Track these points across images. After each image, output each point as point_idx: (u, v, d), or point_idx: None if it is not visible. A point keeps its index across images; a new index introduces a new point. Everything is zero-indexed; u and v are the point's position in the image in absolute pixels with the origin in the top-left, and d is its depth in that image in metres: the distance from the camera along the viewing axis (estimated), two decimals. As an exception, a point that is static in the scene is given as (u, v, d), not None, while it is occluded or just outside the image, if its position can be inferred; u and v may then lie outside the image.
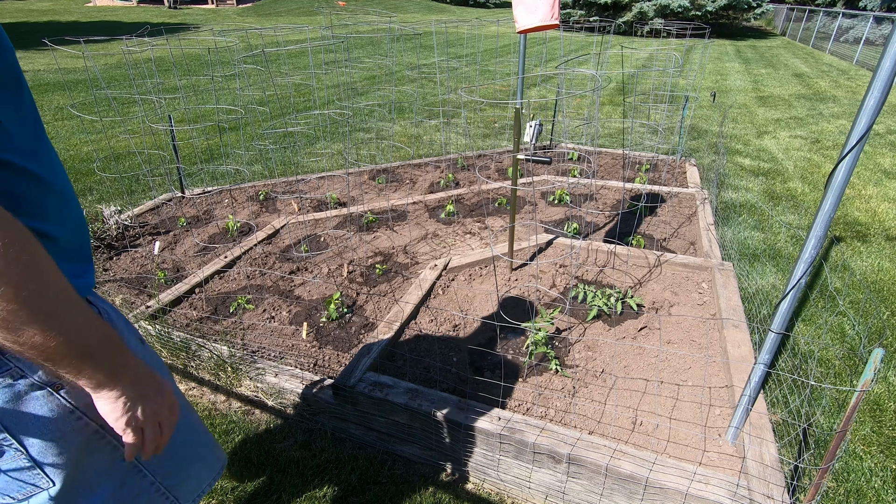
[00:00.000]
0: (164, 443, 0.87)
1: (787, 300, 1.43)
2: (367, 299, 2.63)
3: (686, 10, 19.00)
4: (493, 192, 4.07)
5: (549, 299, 2.62)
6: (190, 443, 1.10)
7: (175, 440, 1.03)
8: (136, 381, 0.80)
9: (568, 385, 2.05)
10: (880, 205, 4.28)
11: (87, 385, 0.74)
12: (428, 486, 1.80)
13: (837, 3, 27.26)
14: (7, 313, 0.59)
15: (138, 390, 0.80)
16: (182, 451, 1.06)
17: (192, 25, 18.54)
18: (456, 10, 31.55)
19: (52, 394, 0.80)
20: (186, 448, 1.08)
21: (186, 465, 1.06)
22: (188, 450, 1.08)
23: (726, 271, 2.69)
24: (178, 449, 1.05)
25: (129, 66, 8.79)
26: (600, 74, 7.18)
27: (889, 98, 8.13)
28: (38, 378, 0.78)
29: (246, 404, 2.14)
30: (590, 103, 7.49)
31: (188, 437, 1.09)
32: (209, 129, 5.91)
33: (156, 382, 0.84)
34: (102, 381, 0.74)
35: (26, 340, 0.62)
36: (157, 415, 0.83)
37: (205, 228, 3.46)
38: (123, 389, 0.78)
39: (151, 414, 0.82)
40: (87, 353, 0.70)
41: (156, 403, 0.83)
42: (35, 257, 0.62)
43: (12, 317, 0.60)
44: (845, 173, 1.24)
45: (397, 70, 9.96)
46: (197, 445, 1.11)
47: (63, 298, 0.66)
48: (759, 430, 1.71)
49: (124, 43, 4.40)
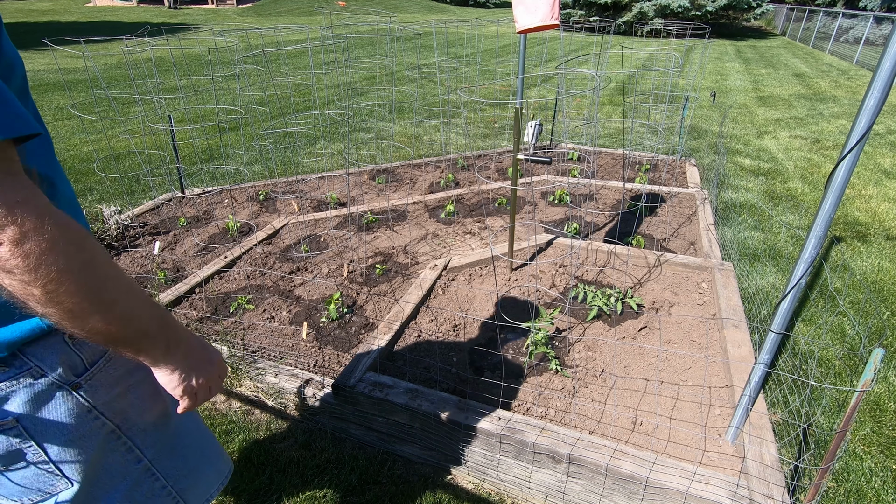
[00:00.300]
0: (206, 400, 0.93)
1: (787, 300, 1.43)
2: (367, 299, 2.63)
3: (686, 10, 19.00)
4: (493, 192, 4.07)
5: (549, 299, 2.62)
6: (201, 447, 1.10)
7: (187, 443, 1.05)
8: (188, 353, 0.86)
9: (568, 385, 2.05)
10: (880, 205, 4.28)
11: (147, 361, 0.80)
12: (428, 486, 1.80)
13: (837, 3, 27.26)
14: (73, 306, 0.64)
15: (191, 361, 0.86)
16: (194, 455, 1.07)
17: (192, 25, 18.54)
18: (456, 10, 31.55)
19: (70, 393, 0.82)
20: (197, 452, 1.08)
21: (197, 469, 1.07)
22: (199, 454, 1.08)
23: (726, 271, 2.69)
24: (189, 452, 1.05)
25: (129, 66, 8.79)
26: (600, 74, 7.18)
27: (889, 98, 8.13)
28: (57, 377, 0.80)
29: (246, 404, 2.14)
30: (590, 103, 7.49)
31: (199, 440, 1.10)
32: (209, 129, 5.91)
33: (206, 353, 0.90)
34: (159, 356, 0.80)
35: (91, 328, 0.68)
36: (209, 381, 0.90)
37: (205, 228, 3.46)
38: (178, 362, 0.84)
39: (204, 381, 0.89)
40: (145, 334, 0.76)
41: (207, 371, 0.89)
42: (93, 252, 0.67)
43: (78, 308, 0.65)
44: (845, 173, 1.24)
45: (397, 70, 9.96)
46: (207, 450, 1.12)
47: (120, 288, 0.71)
48: (759, 430, 1.71)
49: (124, 43, 4.40)
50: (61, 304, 0.64)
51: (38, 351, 0.78)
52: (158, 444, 0.98)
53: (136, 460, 0.94)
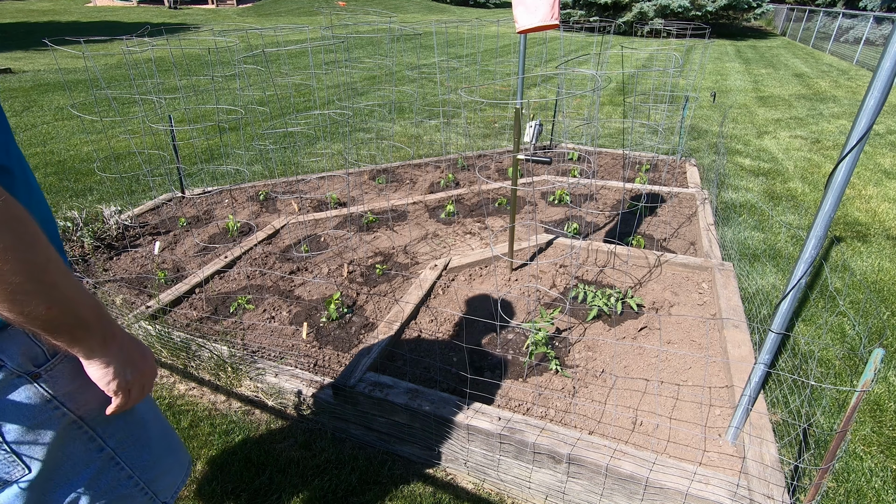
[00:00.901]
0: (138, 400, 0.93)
1: (787, 300, 1.43)
2: (367, 299, 2.63)
3: (686, 10, 19.00)
4: (493, 192, 4.07)
5: (549, 299, 2.62)
6: (164, 437, 1.11)
7: (150, 434, 1.05)
8: (122, 347, 0.85)
9: (568, 385, 2.05)
10: (880, 205, 4.28)
11: (81, 353, 0.80)
12: (428, 486, 1.80)
13: (837, 3, 27.26)
14: (16, 286, 0.64)
15: (125, 356, 0.86)
16: (157, 445, 1.07)
17: (193, 25, 18.54)
18: (456, 10, 31.55)
19: (30, 383, 0.82)
20: (161, 442, 1.08)
21: (162, 459, 1.08)
22: (162, 444, 1.09)
23: (726, 271, 2.69)
24: (153, 442, 1.05)
25: (130, 66, 8.79)
26: (600, 74, 7.18)
27: (889, 98, 8.13)
28: (17, 367, 0.80)
29: (246, 404, 2.14)
30: (590, 103, 7.49)
31: (161, 431, 1.10)
32: (209, 130, 5.91)
33: (140, 349, 0.90)
34: (95, 347, 0.80)
35: (31, 311, 0.67)
36: (142, 378, 0.90)
37: (205, 228, 3.46)
38: (113, 356, 0.83)
39: (139, 376, 0.89)
40: (83, 322, 0.76)
41: (140, 368, 0.89)
42: (36, 234, 0.67)
43: (20, 289, 0.65)
44: (845, 173, 1.24)
45: (397, 70, 9.96)
46: (169, 439, 1.13)
47: (61, 272, 0.71)
48: (760, 430, 1.71)
49: (124, 43, 4.40)
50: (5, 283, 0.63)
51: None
52: (121, 432, 0.98)
53: (99, 449, 0.94)
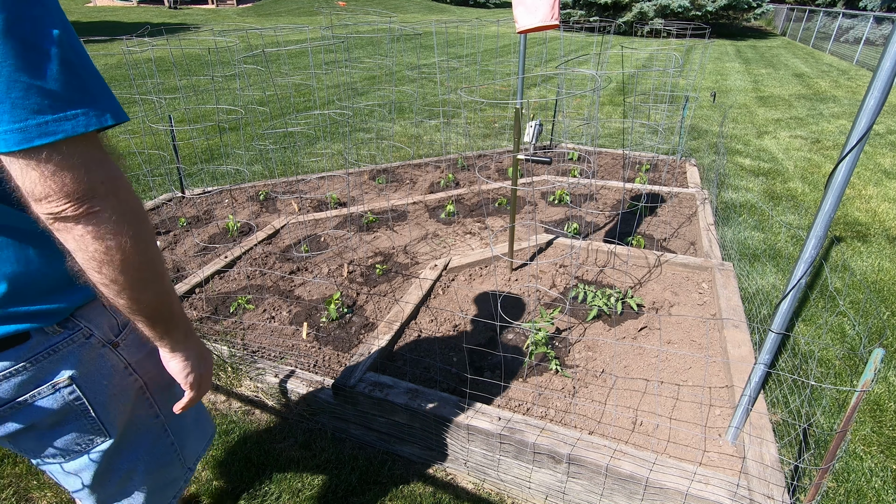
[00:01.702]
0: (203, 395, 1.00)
1: (787, 300, 1.43)
2: (367, 299, 2.63)
3: (686, 10, 18.99)
4: (493, 192, 4.07)
5: (549, 299, 2.62)
6: (196, 409, 1.16)
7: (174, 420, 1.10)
8: (196, 343, 0.92)
9: (568, 385, 2.05)
10: (880, 205, 4.28)
11: (168, 345, 0.87)
12: (428, 486, 1.80)
13: (837, 3, 27.26)
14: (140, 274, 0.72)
15: (197, 351, 0.92)
16: (190, 415, 1.12)
17: (193, 25, 18.54)
18: (456, 10, 31.55)
19: (112, 351, 0.90)
20: (192, 411, 1.13)
21: (192, 428, 1.14)
22: (192, 412, 1.14)
23: (726, 271, 2.69)
24: (188, 412, 1.10)
25: (130, 66, 8.79)
26: (600, 74, 7.18)
27: (889, 98, 8.13)
28: (102, 337, 0.88)
29: (246, 404, 2.14)
30: (590, 103, 7.49)
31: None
32: (209, 129, 5.91)
33: (205, 347, 0.96)
34: (180, 340, 0.87)
35: (145, 299, 0.75)
36: (209, 372, 0.96)
37: (205, 228, 3.46)
38: (191, 350, 0.90)
39: (207, 371, 0.95)
40: (175, 315, 0.84)
41: (208, 364, 0.96)
42: (151, 232, 0.74)
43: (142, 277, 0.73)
44: (845, 173, 1.24)
45: (397, 70, 9.96)
46: (198, 409, 1.18)
47: (164, 268, 0.78)
48: (760, 430, 1.71)
49: (124, 43, 4.40)
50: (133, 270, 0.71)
51: (86, 314, 0.85)
52: (169, 403, 1.02)
53: (155, 416, 1.01)
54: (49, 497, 1.73)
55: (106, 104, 0.66)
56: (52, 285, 0.79)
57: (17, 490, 1.75)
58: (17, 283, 0.74)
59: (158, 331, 0.82)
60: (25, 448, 0.88)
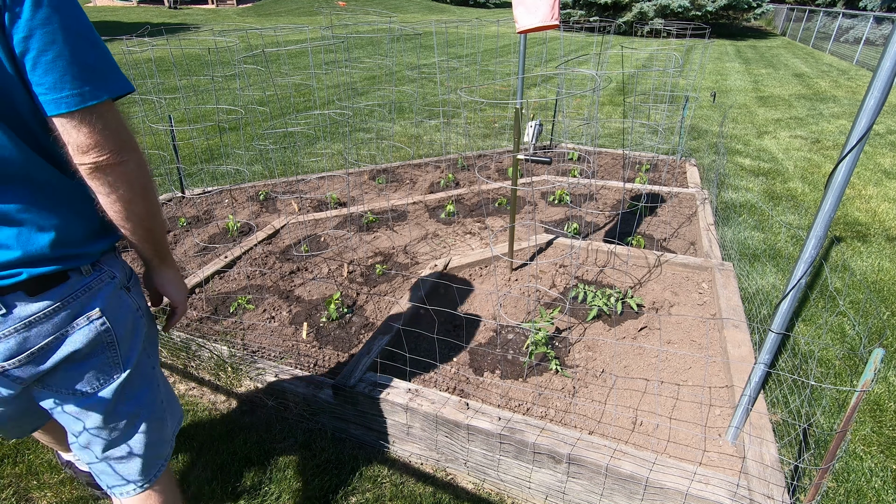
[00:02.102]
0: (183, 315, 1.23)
1: (787, 300, 1.43)
2: (367, 299, 2.63)
3: (686, 10, 19.00)
4: (493, 192, 4.07)
5: (549, 299, 2.62)
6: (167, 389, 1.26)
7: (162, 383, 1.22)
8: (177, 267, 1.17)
9: (568, 385, 2.05)
10: (880, 205, 4.28)
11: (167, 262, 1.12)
12: (428, 485, 1.80)
13: (837, 3, 27.26)
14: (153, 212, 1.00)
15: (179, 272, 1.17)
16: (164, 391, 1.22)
17: (193, 25, 18.54)
18: (456, 10, 31.55)
19: (128, 293, 1.06)
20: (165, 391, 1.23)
21: (171, 400, 1.25)
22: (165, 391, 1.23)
23: (726, 271, 2.69)
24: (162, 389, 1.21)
25: (130, 66, 8.78)
26: (600, 74, 7.17)
27: (889, 98, 8.14)
28: (120, 280, 1.04)
29: (246, 404, 2.14)
30: (590, 103, 7.49)
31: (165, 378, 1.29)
32: (209, 129, 5.91)
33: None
34: (171, 261, 1.13)
35: (153, 228, 1.02)
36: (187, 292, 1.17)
37: (205, 228, 3.46)
38: (175, 266, 1.15)
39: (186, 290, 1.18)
40: (165, 239, 1.08)
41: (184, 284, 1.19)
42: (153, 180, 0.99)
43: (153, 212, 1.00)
44: (845, 173, 1.24)
45: (397, 70, 9.96)
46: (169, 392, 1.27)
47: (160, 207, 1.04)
48: (760, 430, 1.71)
49: (124, 43, 4.40)
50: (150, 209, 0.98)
51: (109, 259, 1.03)
52: (157, 359, 1.19)
53: (153, 367, 1.15)
54: (49, 497, 1.73)
55: (123, 77, 0.90)
56: (86, 234, 0.97)
57: (17, 490, 1.75)
58: (61, 231, 0.92)
59: (161, 252, 1.08)
60: (54, 384, 0.99)
